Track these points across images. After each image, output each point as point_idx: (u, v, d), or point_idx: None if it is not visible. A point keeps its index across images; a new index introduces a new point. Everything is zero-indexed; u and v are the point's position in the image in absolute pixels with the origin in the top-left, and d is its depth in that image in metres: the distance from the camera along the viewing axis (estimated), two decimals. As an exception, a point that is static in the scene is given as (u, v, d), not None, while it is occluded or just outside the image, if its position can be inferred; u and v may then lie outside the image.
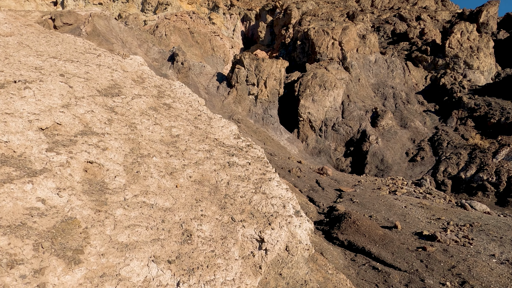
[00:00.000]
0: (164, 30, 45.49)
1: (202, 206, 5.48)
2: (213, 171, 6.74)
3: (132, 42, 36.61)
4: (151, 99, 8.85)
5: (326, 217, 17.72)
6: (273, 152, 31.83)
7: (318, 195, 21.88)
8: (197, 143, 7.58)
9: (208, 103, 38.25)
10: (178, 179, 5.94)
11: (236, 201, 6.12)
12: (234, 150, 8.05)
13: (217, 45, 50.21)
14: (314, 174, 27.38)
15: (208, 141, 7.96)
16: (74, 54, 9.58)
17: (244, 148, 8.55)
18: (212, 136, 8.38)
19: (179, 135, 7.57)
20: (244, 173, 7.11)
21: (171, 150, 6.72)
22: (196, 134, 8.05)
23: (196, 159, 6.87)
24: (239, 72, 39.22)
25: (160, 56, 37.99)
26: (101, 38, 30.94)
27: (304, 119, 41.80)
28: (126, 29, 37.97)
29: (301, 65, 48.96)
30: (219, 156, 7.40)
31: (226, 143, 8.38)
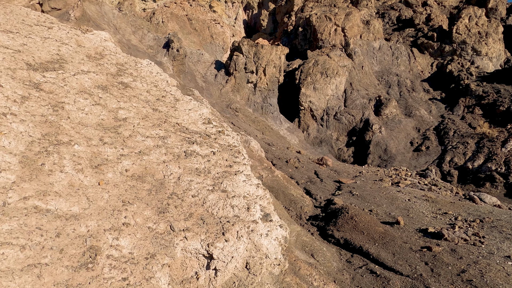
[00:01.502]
0: (161, 17, 43.69)
1: (129, 211, 3.98)
2: (161, 162, 5.22)
3: (126, 28, 34.95)
4: (103, 76, 7.31)
5: (322, 211, 16.19)
6: (271, 142, 30.25)
7: (316, 187, 20.34)
8: (149, 128, 6.05)
9: (205, 91, 36.67)
10: (106, 173, 4.43)
11: (185, 202, 4.61)
12: (198, 137, 6.51)
13: (216, 33, 48.35)
14: (313, 165, 25.80)
15: (166, 126, 6.43)
16: (17, 25, 8.04)
17: (213, 134, 7.01)
18: (173, 120, 6.85)
19: (127, 118, 6.04)
20: (204, 165, 5.59)
21: (107, 137, 5.20)
22: (152, 118, 6.52)
23: (142, 147, 5.35)
24: (237, 59, 37.47)
25: (155, 43, 36.34)
26: (91, 24, 29.33)
27: (305, 108, 40.06)
28: (120, 15, 36.28)
29: (303, 52, 46.98)
30: (174, 144, 5.87)
31: (190, 129, 6.85)
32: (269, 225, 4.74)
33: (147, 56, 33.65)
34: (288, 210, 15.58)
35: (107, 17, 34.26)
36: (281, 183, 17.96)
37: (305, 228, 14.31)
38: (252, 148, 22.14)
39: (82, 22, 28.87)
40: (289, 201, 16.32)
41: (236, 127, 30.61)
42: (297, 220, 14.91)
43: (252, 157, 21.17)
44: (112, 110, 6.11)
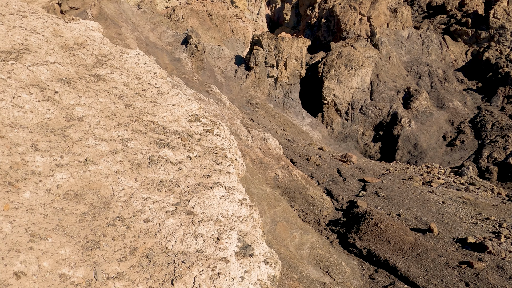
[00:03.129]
0: (181, 13, 42.93)
1: (35, 251, 2.73)
2: (112, 174, 3.95)
3: (144, 25, 34.37)
4: (71, 68, 6.16)
5: (344, 215, 14.55)
6: (292, 138, 28.66)
7: (338, 187, 18.64)
8: (111, 128, 4.80)
9: (225, 87, 35.55)
10: (22, 193, 3.21)
11: (130, 231, 3.31)
12: (175, 139, 5.20)
13: (236, 27, 47.06)
14: (336, 162, 24.00)
15: (136, 125, 5.16)
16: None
17: (196, 134, 5.68)
18: (148, 118, 5.57)
19: (85, 116, 4.81)
20: (172, 175, 4.27)
21: (45, 141, 3.98)
22: (120, 116, 5.27)
23: (90, 154, 4.10)
24: (257, 53, 36.02)
25: (174, 39, 35.56)
26: (109, 22, 28.86)
27: (328, 102, 38.07)
28: (139, 12, 35.77)
29: (326, 44, 44.79)
30: (139, 148, 4.58)
31: (169, 128, 5.56)
32: (248, 262, 3.35)
33: (165, 53, 32.93)
34: (306, 213, 14.07)
35: (126, 15, 33.80)
36: (299, 183, 16.45)
37: (324, 234, 12.77)
38: (270, 146, 20.70)
39: (100, 20, 28.42)
40: (307, 204, 14.80)
41: (255, 123, 29.27)
42: (315, 225, 13.39)
43: (269, 155, 19.74)
44: (66, 107, 4.91)
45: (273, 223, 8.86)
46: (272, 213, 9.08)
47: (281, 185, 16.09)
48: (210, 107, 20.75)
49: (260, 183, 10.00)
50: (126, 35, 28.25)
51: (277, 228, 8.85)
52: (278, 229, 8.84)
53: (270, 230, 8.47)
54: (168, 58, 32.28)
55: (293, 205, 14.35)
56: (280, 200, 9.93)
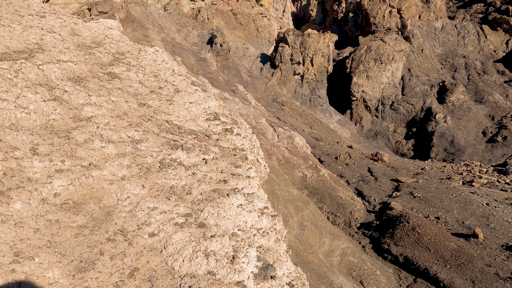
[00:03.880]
0: (206, 13, 42.95)
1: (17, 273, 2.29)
2: (117, 179, 3.51)
3: (170, 27, 34.57)
4: (85, 66, 5.85)
5: (376, 217, 13.64)
6: (320, 137, 27.75)
7: (369, 187, 17.64)
8: (121, 129, 4.39)
9: (250, 86, 35.13)
10: (12, 203, 2.83)
11: (133, 247, 2.85)
12: (190, 139, 4.72)
13: (262, 25, 46.52)
14: (367, 161, 22.89)
15: (149, 125, 4.73)
16: (5, 14, 6.94)
17: (215, 134, 5.18)
18: (162, 117, 5.14)
19: (94, 117, 4.44)
20: (184, 181, 3.78)
21: (47, 144, 3.61)
22: (132, 115, 4.87)
23: (95, 157, 3.69)
24: (282, 51, 35.31)
25: (199, 39, 35.54)
26: (136, 24, 29.18)
27: (357, 99, 36.71)
28: (165, 14, 36.06)
29: (354, 39, 43.29)
30: (150, 150, 4.14)
31: (185, 128, 5.10)
32: (269, 286, 2.79)
33: (191, 53, 32.94)
34: (335, 216, 13.30)
35: (152, 17, 34.13)
36: (328, 184, 15.67)
37: (355, 238, 11.96)
38: (296, 145, 20.00)
39: (127, 23, 28.80)
40: (337, 205, 14.01)
41: (282, 121, 28.61)
42: (346, 228, 12.59)
43: (296, 154, 19.05)
44: (75, 107, 4.56)
45: (301, 227, 8.25)
46: (300, 217, 8.46)
47: (308, 185, 15.38)
48: (235, 106, 20.34)
49: (286, 184, 9.40)
50: (153, 37, 28.45)
51: (305, 233, 8.23)
52: (306, 234, 8.22)
53: (297, 236, 7.87)
54: (193, 58, 32.27)
55: (322, 207, 13.63)
56: (307, 202, 9.28)
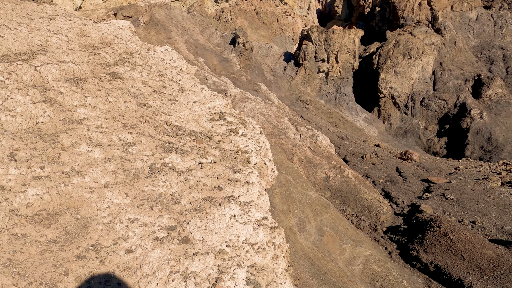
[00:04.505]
0: (229, 14, 42.88)
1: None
2: (99, 187, 3.18)
3: (194, 28, 34.73)
4: (87, 66, 5.64)
5: (404, 221, 12.76)
6: (345, 135, 26.79)
7: (397, 188, 16.66)
8: (114, 131, 4.09)
9: (273, 85, 34.63)
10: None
11: (105, 266, 2.50)
12: (189, 141, 4.35)
13: (285, 24, 45.86)
14: (395, 160, 21.76)
15: (145, 126, 4.40)
16: (15, 18, 6.92)
17: (217, 135, 4.79)
18: (161, 118, 4.81)
19: (87, 118, 4.17)
20: (175, 188, 3.40)
21: (28, 149, 3.36)
22: (128, 116, 4.57)
23: (79, 163, 3.39)
24: (306, 48, 34.53)
25: (222, 40, 35.47)
26: (159, 27, 29.49)
27: (385, 95, 35.26)
28: (188, 16, 36.31)
29: (381, 34, 41.68)
30: (141, 154, 3.80)
31: (185, 128, 4.74)
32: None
33: (214, 54, 32.90)
34: (360, 219, 12.57)
35: (176, 19, 34.43)
36: (352, 185, 14.91)
37: (381, 244, 11.20)
38: (320, 144, 19.30)
39: (151, 26, 29.16)
40: (361, 208, 13.26)
41: (305, 120, 27.92)
42: (371, 232, 11.84)
43: (319, 154, 18.36)
44: (68, 109, 4.31)
45: (319, 233, 7.69)
46: (318, 222, 7.91)
47: (331, 187, 14.71)
48: (256, 105, 19.93)
49: (305, 187, 8.86)
50: (176, 39, 28.62)
51: (323, 239, 7.67)
52: (325, 241, 7.65)
53: (315, 242, 7.33)
54: (216, 59, 32.21)
55: (345, 210, 12.94)
56: (327, 206, 8.69)
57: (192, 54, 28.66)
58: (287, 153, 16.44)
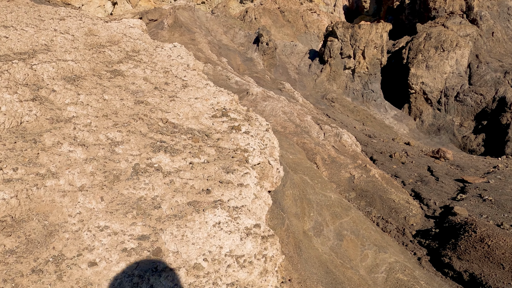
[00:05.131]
0: (253, 14, 42.63)
1: None
2: (73, 190, 2.89)
3: (217, 29, 34.74)
4: (88, 64, 5.46)
5: (436, 224, 11.82)
6: (373, 134, 25.68)
7: (429, 188, 15.59)
8: (103, 129, 3.83)
9: (298, 83, 33.96)
10: None
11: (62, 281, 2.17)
12: (184, 139, 4.01)
13: (310, 21, 44.97)
14: (426, 159, 20.49)
15: (138, 124, 4.10)
16: (25, 20, 6.91)
17: (217, 133, 4.41)
18: (159, 115, 4.50)
19: (75, 117, 3.94)
20: (158, 191, 3.06)
21: (5, 149, 3.16)
22: (122, 114, 4.30)
23: (57, 164, 3.13)
24: (331, 45, 33.57)
25: (245, 40, 35.25)
26: (183, 29, 29.70)
27: (416, 91, 33.59)
28: (212, 17, 36.40)
29: (411, 27, 39.82)
30: (127, 154, 3.49)
31: (182, 126, 4.40)
32: None
33: (237, 54, 32.74)
34: (386, 222, 11.78)
35: (200, 21, 34.59)
36: (379, 185, 14.09)
37: (409, 248, 10.39)
38: (345, 142, 18.50)
39: (174, 28, 29.43)
40: (388, 210, 12.45)
41: (331, 119, 27.07)
42: (398, 236, 11.04)
43: (344, 153, 17.58)
44: (58, 108, 4.09)
45: (338, 237, 7.12)
46: (337, 225, 7.34)
47: (356, 187, 13.96)
48: (278, 104, 19.44)
49: (324, 188, 8.29)
50: (199, 40, 28.68)
51: (343, 244, 7.09)
52: (345, 246, 7.07)
53: (333, 247, 6.78)
54: (240, 59, 32.02)
55: (370, 212, 12.19)
56: (348, 208, 8.08)
57: (215, 54, 28.61)
58: (309, 152, 15.84)
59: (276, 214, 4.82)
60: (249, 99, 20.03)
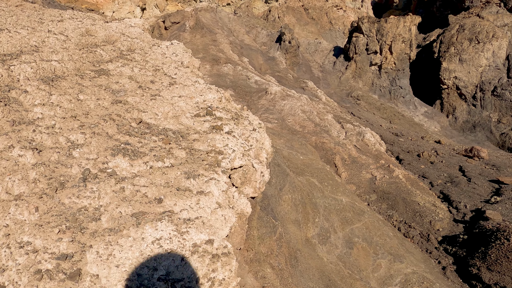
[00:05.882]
0: (276, 12, 42.08)
1: None
2: (8, 199, 2.60)
3: (240, 29, 34.55)
4: (74, 64, 5.27)
5: (465, 230, 10.78)
6: (400, 132, 24.35)
7: (459, 190, 14.37)
8: (66, 131, 3.57)
9: (322, 81, 33.04)
10: None
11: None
12: (152, 141, 3.65)
13: (335, 18, 43.74)
14: (458, 158, 19.04)
15: (107, 125, 3.80)
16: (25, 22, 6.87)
17: (195, 133, 4.03)
18: (135, 115, 4.18)
19: (39, 119, 3.72)
20: (104, 200, 2.70)
21: None
22: (93, 115, 4.03)
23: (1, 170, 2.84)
24: (357, 41, 32.36)
25: (268, 39, 34.79)
26: (205, 30, 29.72)
27: (448, 86, 31.62)
28: (234, 18, 36.28)
29: (443, 19, 37.63)
30: (83, 157, 3.18)
31: (157, 126, 4.05)
32: None
33: (260, 53, 32.35)
34: (409, 226, 10.90)
35: (222, 21, 34.55)
36: (402, 187, 13.15)
37: (434, 256, 9.50)
38: (367, 142, 17.57)
39: (196, 30, 29.51)
40: (412, 213, 11.54)
41: (355, 117, 26.00)
42: (422, 242, 10.16)
43: (366, 152, 16.67)
44: (24, 109, 3.86)
45: (348, 245, 6.49)
46: (347, 232, 6.69)
47: (377, 189, 13.11)
48: (297, 103, 18.82)
49: (334, 190, 7.65)
50: (221, 41, 28.58)
51: (353, 252, 6.46)
52: (355, 254, 6.43)
53: (341, 256, 6.16)
54: (262, 58, 31.61)
55: (392, 215, 11.36)
56: (361, 212, 7.39)
57: (237, 54, 28.37)
58: (328, 152, 15.13)
59: (265, 222, 4.33)
60: (267, 98, 19.56)
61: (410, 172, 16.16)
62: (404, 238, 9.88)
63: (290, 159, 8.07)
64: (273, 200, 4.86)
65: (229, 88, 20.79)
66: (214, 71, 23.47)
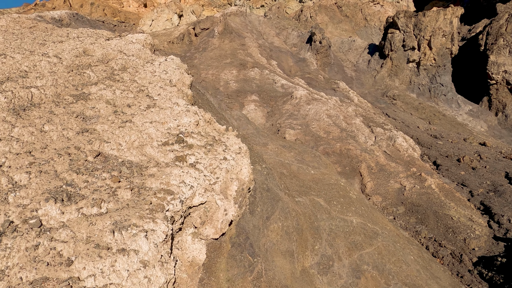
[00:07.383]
0: (308, 12, 41.05)
1: None
2: None
3: (270, 32, 34.09)
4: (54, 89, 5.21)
5: (507, 250, 9.47)
6: (440, 134, 22.46)
7: (503, 201, 12.78)
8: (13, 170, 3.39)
9: (355, 81, 31.60)
10: None
11: None
12: (99, 179, 3.38)
13: (370, 13, 41.76)
14: (506, 163, 17.07)
15: (60, 161, 3.59)
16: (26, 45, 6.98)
17: (154, 167, 3.71)
18: (95, 146, 3.94)
19: (-8, 156, 3.53)
20: (13, 261, 2.40)
21: None
22: (51, 148, 3.84)
23: None
24: (392, 37, 30.55)
25: (298, 40, 33.97)
26: (234, 35, 29.66)
27: (497, 82, 28.78)
28: (264, 20, 35.90)
29: (490, 8, 34.43)
30: (13, 205, 2.95)
31: (118, 159, 3.80)
32: None
33: (289, 55, 31.68)
34: (439, 245, 9.80)
35: (252, 25, 34.32)
36: (434, 198, 11.94)
37: (465, 282, 8.40)
38: (399, 147, 16.30)
39: (225, 35, 29.53)
40: (444, 229, 10.39)
41: (390, 118, 24.45)
42: (453, 263, 9.05)
43: (397, 158, 15.45)
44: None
45: (355, 274, 5.77)
46: (355, 258, 5.97)
47: (406, 200, 12.03)
48: (322, 107, 17.97)
49: (344, 210, 6.89)
50: (249, 45, 28.34)
51: (360, 282, 5.73)
52: (362, 285, 5.70)
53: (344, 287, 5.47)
54: (292, 60, 30.90)
55: (420, 231, 10.32)
56: (374, 235, 6.57)
57: (265, 57, 27.96)
58: (353, 160, 14.21)
59: (238, 261, 3.82)
60: (292, 103, 18.92)
61: (446, 180, 14.74)
62: (432, 259, 8.86)
63: (297, 175, 7.44)
64: (254, 232, 4.34)
65: (254, 94, 20.42)
66: (240, 76, 23.24)
